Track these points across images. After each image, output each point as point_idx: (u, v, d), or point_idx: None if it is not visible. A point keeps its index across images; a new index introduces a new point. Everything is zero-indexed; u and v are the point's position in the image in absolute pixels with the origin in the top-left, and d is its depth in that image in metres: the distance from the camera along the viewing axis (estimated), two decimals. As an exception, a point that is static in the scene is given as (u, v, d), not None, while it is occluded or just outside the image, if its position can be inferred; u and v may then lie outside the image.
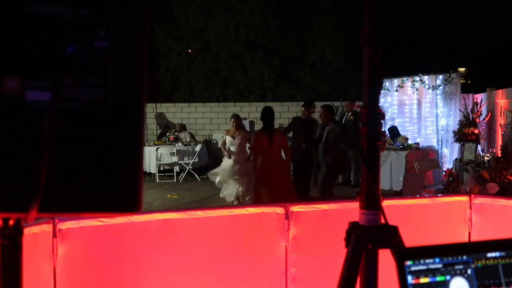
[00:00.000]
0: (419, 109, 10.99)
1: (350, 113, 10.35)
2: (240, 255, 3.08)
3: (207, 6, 17.71)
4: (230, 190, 8.46)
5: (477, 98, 10.65)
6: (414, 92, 10.94)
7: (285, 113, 12.99)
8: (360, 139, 1.40)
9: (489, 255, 1.16)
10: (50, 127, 0.82)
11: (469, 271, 1.14)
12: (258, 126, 11.51)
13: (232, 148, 8.36)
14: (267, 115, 6.96)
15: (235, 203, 8.33)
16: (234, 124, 8.45)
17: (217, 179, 8.51)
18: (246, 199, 8.19)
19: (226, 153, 8.39)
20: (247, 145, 8.28)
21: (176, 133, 12.36)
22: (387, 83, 11.17)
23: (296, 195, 7.26)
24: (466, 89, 12.00)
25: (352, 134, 9.79)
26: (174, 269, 2.92)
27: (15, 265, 0.90)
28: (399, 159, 9.65)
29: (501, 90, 9.93)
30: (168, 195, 9.63)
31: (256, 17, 17.48)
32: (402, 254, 1.13)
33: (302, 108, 8.82)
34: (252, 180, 7.61)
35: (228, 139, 8.39)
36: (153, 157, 11.45)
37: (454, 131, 10.16)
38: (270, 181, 6.66)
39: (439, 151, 10.46)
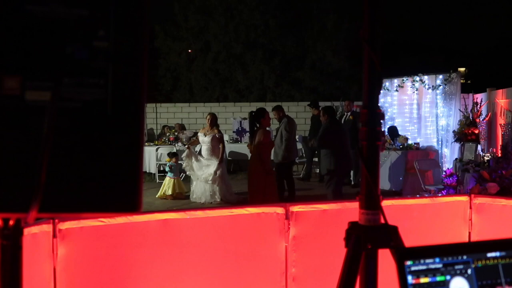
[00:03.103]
0: (419, 109, 10.98)
1: (349, 113, 10.35)
2: (240, 255, 3.08)
3: (207, 6, 17.72)
4: (199, 191, 8.66)
5: (477, 98, 10.65)
6: (414, 92, 10.93)
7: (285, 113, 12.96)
8: (360, 139, 1.40)
9: (489, 255, 1.16)
10: (50, 127, 0.82)
11: (469, 271, 1.14)
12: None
13: (204, 146, 8.61)
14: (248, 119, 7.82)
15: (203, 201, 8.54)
16: (209, 121, 8.59)
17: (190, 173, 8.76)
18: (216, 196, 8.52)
19: (186, 149, 8.74)
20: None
21: (176, 133, 12.35)
22: (387, 83, 11.16)
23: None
24: (466, 89, 12.00)
25: (351, 134, 9.81)
26: (174, 269, 2.92)
27: (15, 265, 0.90)
28: (399, 159, 9.65)
29: (501, 90, 9.93)
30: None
31: (256, 17, 17.49)
32: (402, 254, 1.13)
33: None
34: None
35: (201, 137, 8.59)
36: (153, 157, 11.44)
37: (454, 131, 10.16)
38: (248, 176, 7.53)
39: (439, 151, 10.45)
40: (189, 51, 18.64)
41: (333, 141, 7.44)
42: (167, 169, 9.46)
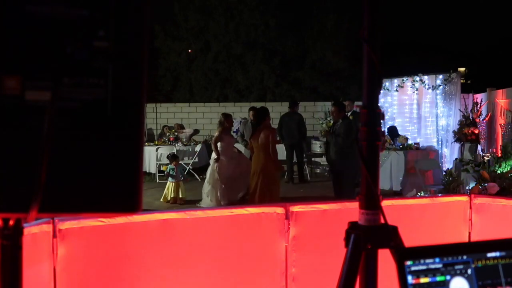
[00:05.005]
0: (419, 109, 10.99)
1: (349, 113, 10.35)
2: (240, 255, 3.08)
3: (207, 6, 17.72)
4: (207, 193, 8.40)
5: (477, 98, 10.66)
6: (414, 92, 10.94)
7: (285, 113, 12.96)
8: (360, 139, 1.40)
9: (489, 255, 1.16)
10: (50, 127, 0.82)
11: (469, 271, 1.14)
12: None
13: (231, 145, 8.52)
14: (256, 115, 8.02)
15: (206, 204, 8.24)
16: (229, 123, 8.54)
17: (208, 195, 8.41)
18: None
19: (216, 153, 8.33)
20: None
21: (175, 133, 12.35)
22: (387, 83, 11.16)
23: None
24: (466, 89, 12.02)
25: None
26: (174, 269, 2.92)
27: (15, 265, 0.90)
28: (399, 159, 9.65)
29: (501, 90, 9.95)
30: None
31: (256, 17, 17.49)
32: (402, 254, 1.13)
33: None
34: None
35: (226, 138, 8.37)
36: (153, 157, 11.44)
37: (454, 131, 10.16)
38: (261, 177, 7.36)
39: (439, 151, 10.45)
40: (189, 51, 18.64)
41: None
42: (171, 172, 9.14)
